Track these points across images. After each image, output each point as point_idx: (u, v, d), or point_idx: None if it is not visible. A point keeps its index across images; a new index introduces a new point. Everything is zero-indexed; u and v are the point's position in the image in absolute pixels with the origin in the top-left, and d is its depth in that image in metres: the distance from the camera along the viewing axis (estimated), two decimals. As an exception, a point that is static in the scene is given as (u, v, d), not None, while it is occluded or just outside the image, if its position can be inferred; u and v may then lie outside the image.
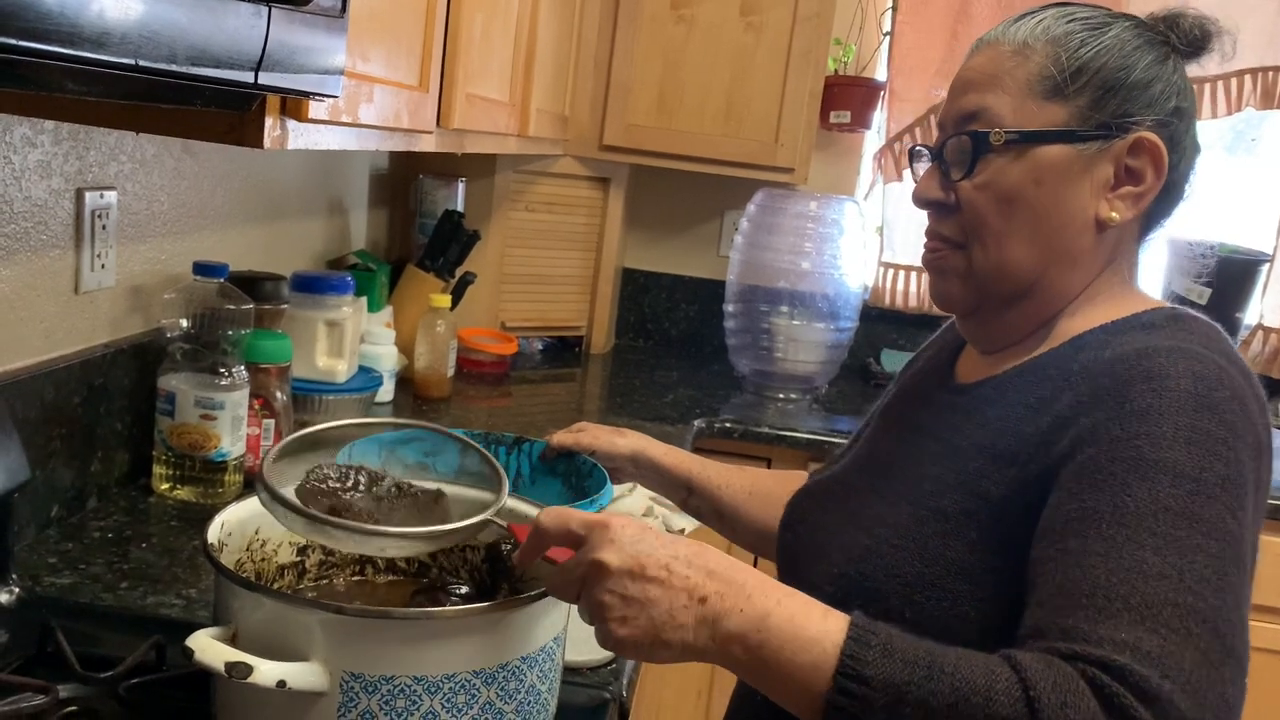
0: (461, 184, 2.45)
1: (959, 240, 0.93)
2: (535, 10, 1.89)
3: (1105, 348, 0.85)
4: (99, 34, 0.58)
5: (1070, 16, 0.91)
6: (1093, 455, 0.77)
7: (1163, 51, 0.91)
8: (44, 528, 1.28)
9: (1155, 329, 0.86)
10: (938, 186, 0.94)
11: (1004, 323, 0.95)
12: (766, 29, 2.45)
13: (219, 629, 0.77)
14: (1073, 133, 0.88)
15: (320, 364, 1.74)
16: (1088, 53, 0.89)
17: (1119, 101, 0.89)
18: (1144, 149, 0.89)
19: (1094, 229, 0.90)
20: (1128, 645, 0.66)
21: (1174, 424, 0.76)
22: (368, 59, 1.15)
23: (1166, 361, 0.79)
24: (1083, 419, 0.80)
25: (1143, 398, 0.78)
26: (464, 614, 0.79)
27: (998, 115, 0.90)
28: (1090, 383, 0.82)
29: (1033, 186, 0.89)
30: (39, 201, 1.26)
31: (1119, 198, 0.89)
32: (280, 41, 0.79)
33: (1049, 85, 0.89)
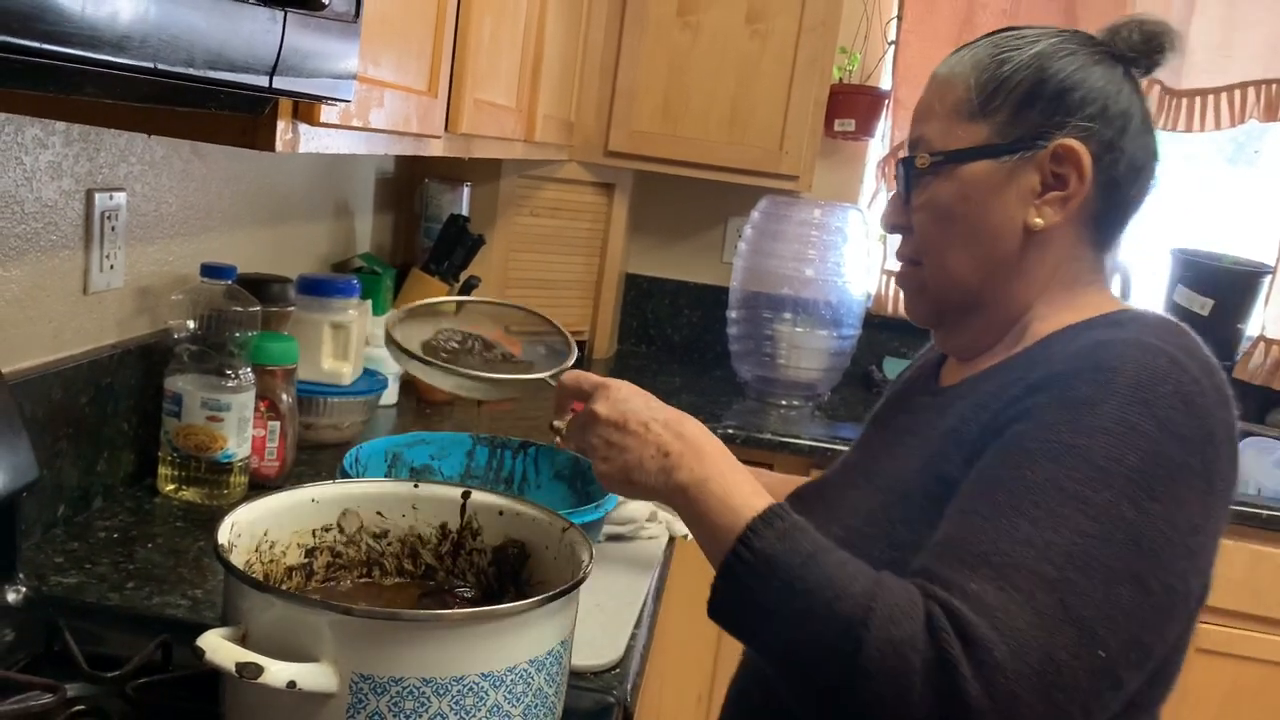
0: (467, 188, 2.46)
1: (915, 258, 1.00)
2: (542, 16, 1.90)
3: (1072, 342, 0.90)
4: (119, 37, 0.59)
5: (998, 40, 0.97)
6: (1019, 431, 0.83)
7: (1093, 57, 0.94)
8: (50, 527, 1.29)
9: (1118, 326, 0.90)
10: (896, 210, 1.02)
11: (969, 331, 1.01)
12: (772, 37, 2.46)
13: (229, 629, 0.78)
14: (993, 148, 0.94)
15: (326, 366, 1.75)
16: (1004, 71, 0.94)
17: (1036, 113, 0.93)
18: (1065, 155, 0.93)
19: (1025, 235, 0.95)
20: (973, 594, 0.75)
21: (1101, 414, 0.80)
22: (379, 64, 1.15)
23: (1120, 354, 0.83)
24: (1028, 400, 0.84)
25: (1085, 387, 0.82)
26: (474, 617, 0.79)
27: (929, 142, 0.97)
28: (1047, 368, 0.86)
29: (962, 202, 0.95)
30: (49, 202, 1.26)
31: (1046, 204, 0.94)
32: (295, 46, 0.80)
33: (970, 107, 0.95)
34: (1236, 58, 2.64)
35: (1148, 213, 1.01)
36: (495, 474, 1.34)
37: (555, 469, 1.35)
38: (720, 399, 2.52)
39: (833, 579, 0.77)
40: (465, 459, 1.33)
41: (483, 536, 0.99)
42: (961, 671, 0.71)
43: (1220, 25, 2.63)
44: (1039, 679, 0.72)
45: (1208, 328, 2.80)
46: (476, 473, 1.33)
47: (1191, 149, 3.00)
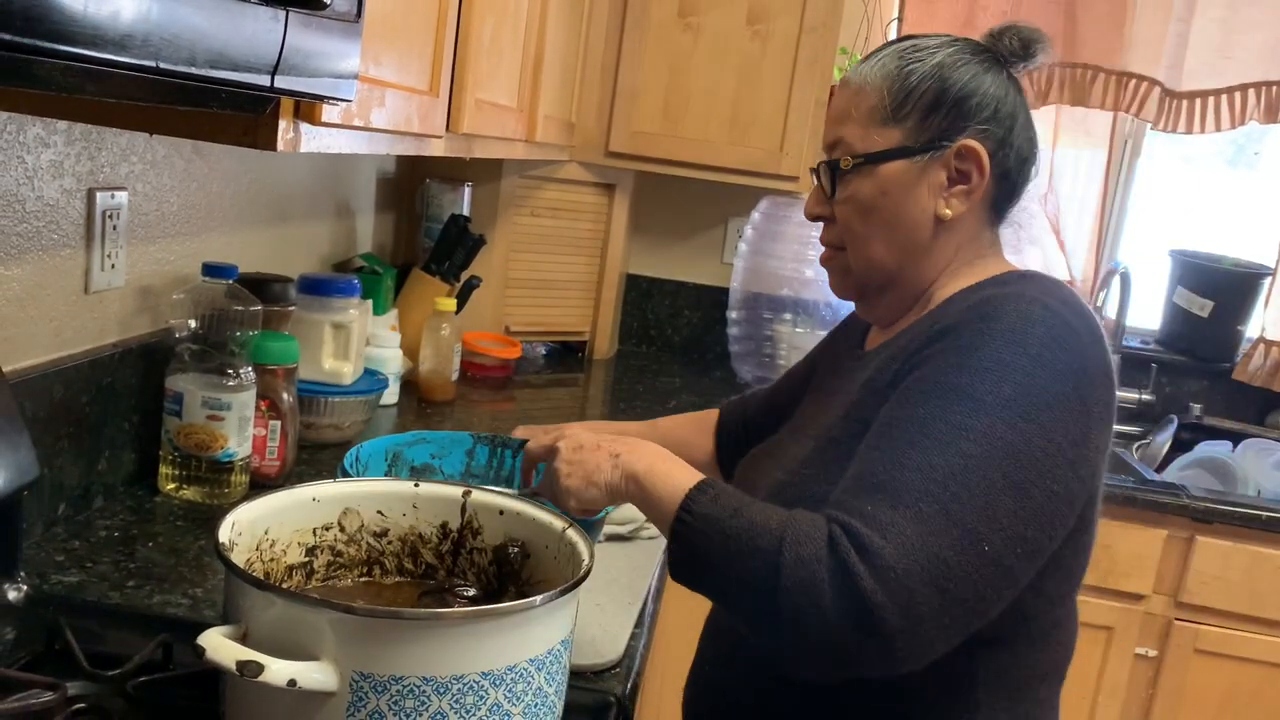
0: (468, 189, 2.46)
1: (839, 245, 1.12)
2: (544, 17, 1.90)
3: (964, 301, 1.02)
4: (121, 36, 0.59)
5: (901, 51, 1.08)
6: (916, 378, 0.96)
7: (983, 65, 1.07)
8: (51, 526, 1.29)
9: (1006, 284, 1.02)
10: (819, 201, 1.13)
11: (885, 304, 1.13)
12: (773, 38, 2.46)
13: (229, 628, 0.78)
14: (906, 149, 1.06)
15: (327, 366, 1.75)
16: (911, 81, 1.06)
17: (941, 117, 1.05)
18: (967, 154, 1.05)
19: (935, 223, 1.07)
20: (867, 515, 0.88)
21: (981, 356, 0.93)
22: (380, 63, 1.15)
23: (1001, 306, 0.96)
24: (925, 351, 0.98)
25: (969, 335, 0.95)
26: (474, 615, 0.79)
27: (849, 144, 1.08)
28: (941, 324, 0.99)
29: (881, 197, 1.06)
30: (51, 201, 1.26)
31: (953, 196, 1.06)
32: (296, 46, 0.80)
33: (883, 114, 1.06)
34: (1236, 59, 2.64)
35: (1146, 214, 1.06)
36: (496, 473, 1.34)
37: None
38: (720, 399, 2.52)
39: (754, 522, 0.91)
40: (466, 458, 1.33)
41: (483, 536, 1.00)
42: (859, 573, 0.84)
43: (1220, 27, 2.64)
44: (927, 574, 0.85)
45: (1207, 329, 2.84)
46: (477, 472, 1.33)
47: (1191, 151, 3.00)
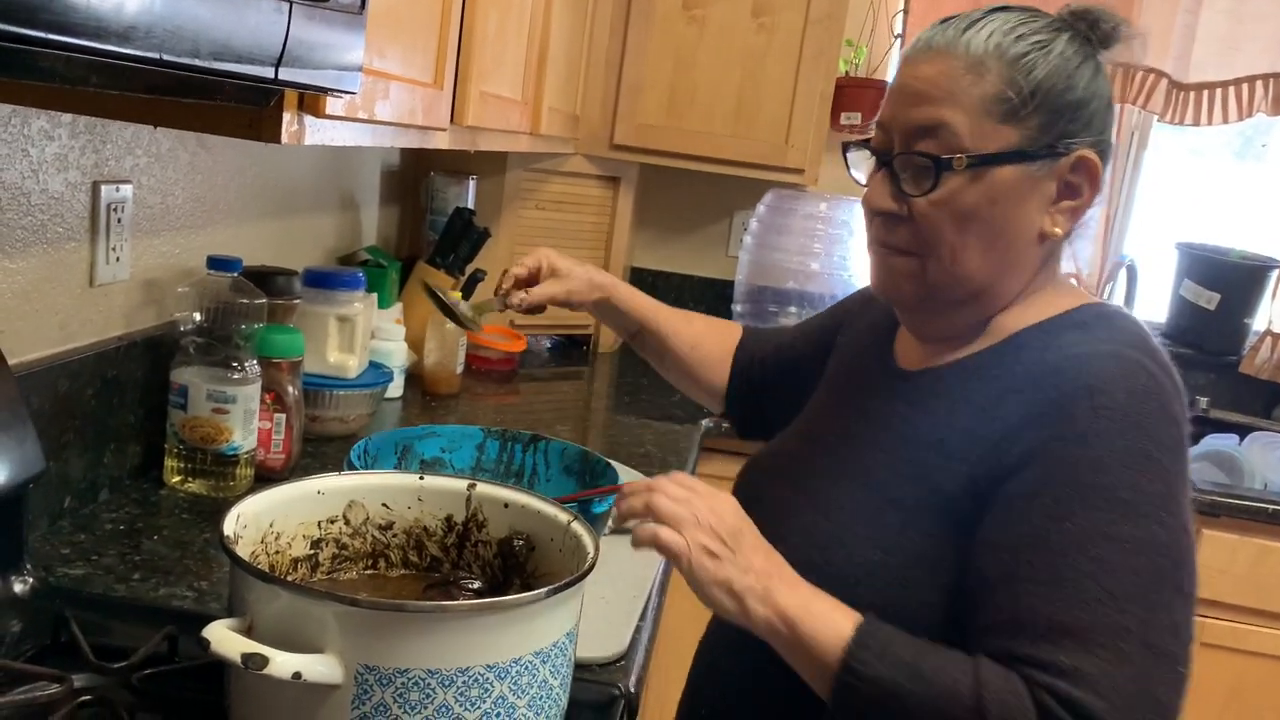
0: (472, 181, 2.46)
1: (911, 249, 0.97)
2: (548, 9, 1.90)
3: (1045, 348, 0.93)
4: (125, 28, 0.59)
5: (1018, 32, 0.94)
6: (1039, 476, 0.86)
7: (1094, 62, 0.96)
8: (56, 519, 1.29)
9: (1087, 328, 0.94)
10: (889, 196, 0.97)
11: (947, 320, 1.01)
12: (778, 30, 2.45)
13: (235, 620, 0.78)
14: (1025, 154, 0.93)
15: (331, 359, 1.75)
16: (1039, 75, 0.93)
17: (1064, 122, 0.94)
18: (1083, 166, 0.95)
19: (1038, 240, 0.97)
20: (1068, 671, 0.80)
21: (1110, 447, 0.85)
22: (384, 56, 1.15)
23: (1100, 372, 0.88)
24: (1029, 434, 0.88)
25: (1084, 419, 0.86)
26: (478, 608, 0.79)
27: (955, 134, 0.93)
28: (1036, 394, 0.90)
29: (988, 205, 0.94)
30: (55, 194, 1.26)
31: (1060, 212, 0.96)
32: (300, 37, 0.80)
33: (1005, 108, 0.93)
34: (1244, 51, 2.63)
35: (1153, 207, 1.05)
36: (506, 467, 1.34)
37: (565, 463, 1.35)
38: (725, 393, 2.51)
39: (938, 685, 0.82)
40: (476, 452, 1.34)
41: (488, 529, 1.00)
42: None
43: (1227, 18, 2.62)
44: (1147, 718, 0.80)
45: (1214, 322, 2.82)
46: (487, 466, 1.33)
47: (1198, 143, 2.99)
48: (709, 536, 0.88)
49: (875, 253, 1.02)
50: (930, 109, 0.94)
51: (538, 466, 1.35)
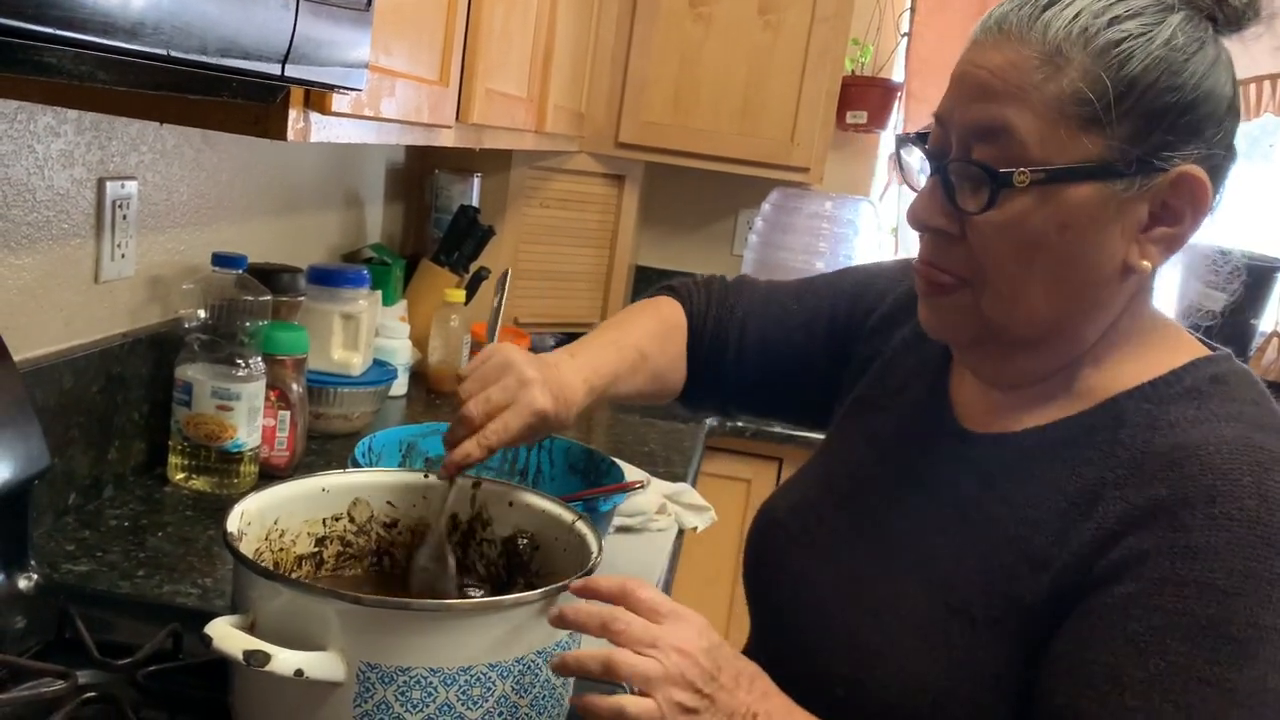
0: (477, 179, 2.46)
1: (964, 275, 0.80)
2: (554, 6, 1.89)
3: (1152, 427, 0.76)
4: (133, 24, 0.59)
5: (1113, 12, 0.74)
6: (1134, 593, 0.71)
7: (1213, 50, 0.76)
8: (61, 515, 1.29)
9: (1202, 398, 0.77)
10: (940, 211, 0.80)
11: (1012, 364, 0.84)
12: (784, 28, 2.45)
13: (237, 617, 0.78)
14: (1108, 170, 0.74)
15: (336, 356, 1.75)
16: (1133, 70, 0.74)
17: (1164, 130, 0.74)
18: (1186, 185, 0.75)
19: (1121, 275, 0.78)
20: None
21: (1228, 568, 0.69)
22: (390, 53, 1.15)
23: (1228, 470, 0.71)
24: (1131, 539, 0.72)
25: (1201, 530, 0.70)
26: (481, 607, 0.79)
27: (1020, 142, 0.75)
28: (1143, 489, 0.73)
29: (1057, 232, 0.76)
30: (61, 191, 1.26)
31: (1152, 241, 0.77)
32: (307, 34, 0.79)
33: (1086, 112, 0.74)
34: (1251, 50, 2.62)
35: None
36: (510, 466, 1.34)
37: (570, 461, 1.35)
38: (729, 391, 2.51)
39: None
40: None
41: (493, 527, 0.99)
42: None
43: (1235, 18, 2.62)
44: None
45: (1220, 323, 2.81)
46: (492, 464, 1.33)
47: (1205, 143, 2.98)
48: (683, 690, 0.73)
49: (923, 282, 0.84)
50: (992, 107, 0.76)
51: (542, 465, 1.35)
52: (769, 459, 2.29)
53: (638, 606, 0.76)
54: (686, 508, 1.62)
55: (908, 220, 0.83)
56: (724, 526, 1.72)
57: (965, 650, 0.77)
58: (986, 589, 0.78)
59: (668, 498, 1.61)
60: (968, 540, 0.81)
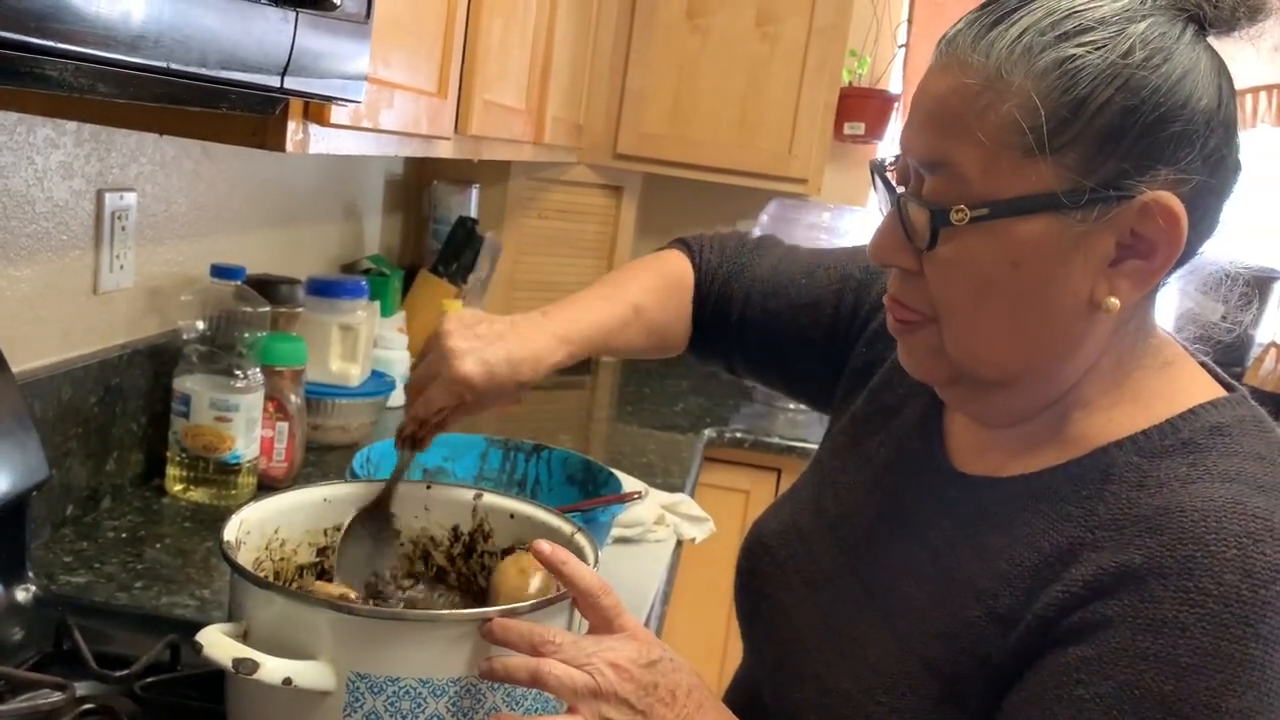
0: (475, 190, 2.46)
1: (928, 313, 0.75)
2: (552, 18, 1.90)
3: (1140, 484, 0.70)
4: (134, 37, 0.59)
5: (1064, 26, 0.68)
6: (1088, 658, 0.66)
7: (1193, 54, 0.68)
8: (59, 526, 1.29)
9: (1199, 452, 0.70)
10: (898, 246, 0.75)
11: (990, 404, 0.78)
12: (782, 39, 2.46)
13: (230, 625, 0.77)
14: (1059, 200, 0.68)
15: (334, 368, 1.75)
16: (1080, 91, 0.67)
17: (1121, 156, 0.67)
18: (1155, 213, 0.68)
19: (1089, 311, 0.71)
20: None
21: (1195, 648, 0.62)
22: (389, 65, 1.15)
23: (1210, 540, 0.64)
24: (1096, 603, 0.66)
25: (1171, 604, 0.63)
26: (471, 618, 0.79)
27: (964, 176, 0.70)
28: (1117, 553, 0.67)
29: (1009, 268, 0.70)
30: (60, 202, 1.26)
31: (1123, 275, 0.70)
32: (306, 46, 0.80)
33: (1027, 141, 0.67)
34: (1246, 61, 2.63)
35: None
36: (509, 476, 1.34)
37: (568, 472, 1.35)
38: (728, 402, 2.52)
39: None
40: (479, 461, 1.33)
41: (494, 539, 0.99)
42: None
43: (1231, 30, 2.63)
44: None
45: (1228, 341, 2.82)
46: (490, 475, 1.33)
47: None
48: (614, 706, 0.71)
49: (890, 318, 0.80)
50: (935, 139, 0.71)
51: (540, 476, 1.35)
52: (767, 469, 2.28)
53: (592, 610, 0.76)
54: (685, 519, 1.62)
55: (869, 254, 0.78)
56: (722, 537, 1.72)
57: (931, 704, 0.74)
58: (953, 645, 0.74)
59: (666, 508, 1.61)
60: (940, 591, 0.76)
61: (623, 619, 0.76)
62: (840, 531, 0.89)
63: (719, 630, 2.20)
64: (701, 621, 2.10)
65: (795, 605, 0.89)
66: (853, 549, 0.87)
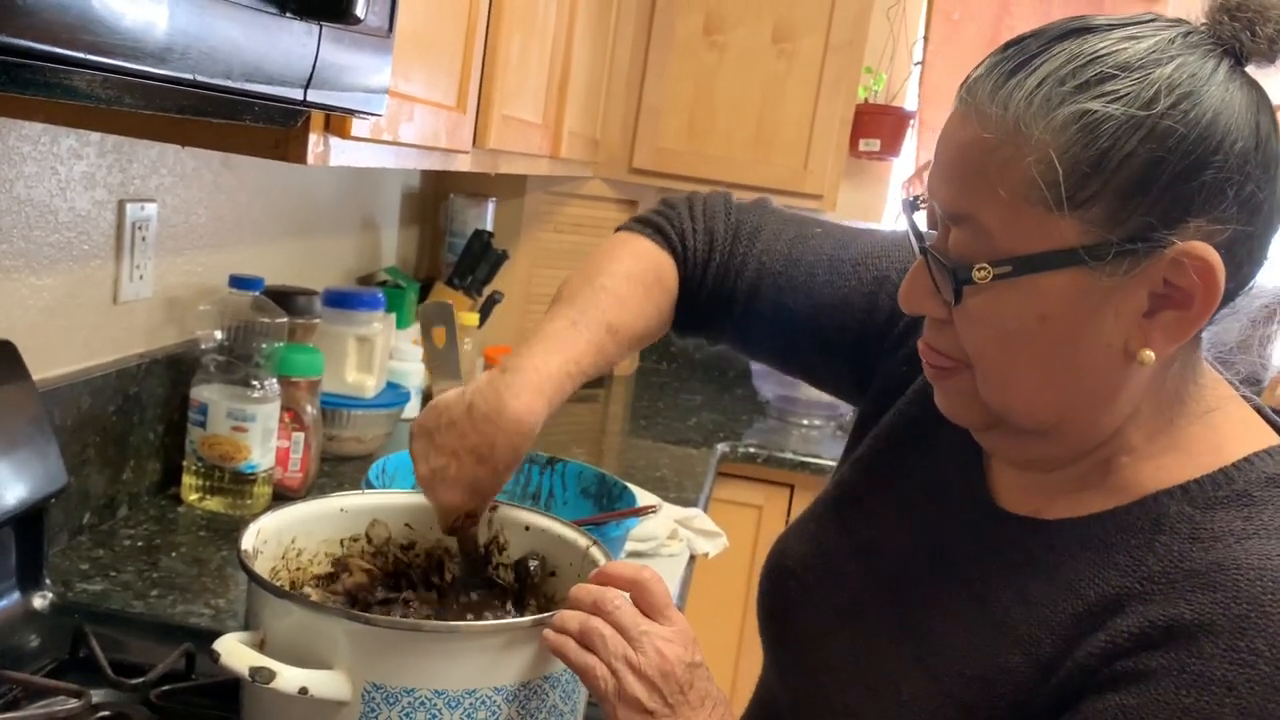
0: (491, 204, 2.47)
1: (961, 359, 0.74)
2: (570, 33, 1.91)
3: (1193, 538, 0.68)
4: (161, 49, 0.60)
5: (1084, 75, 0.65)
6: (1129, 706, 0.64)
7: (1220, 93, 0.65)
8: (76, 534, 1.30)
9: (1255, 505, 0.68)
10: (926, 294, 0.73)
11: (1029, 451, 0.76)
12: (798, 56, 2.47)
13: (247, 634, 0.78)
14: (1084, 254, 0.65)
15: (350, 379, 1.76)
16: (1102, 144, 0.64)
17: (1147, 210, 0.64)
18: (1189, 264, 0.65)
19: (1124, 362, 0.69)
20: None
21: (1240, 706, 0.61)
22: (410, 79, 1.16)
23: (1265, 604, 0.62)
24: (1142, 656, 0.65)
25: (1220, 662, 0.62)
26: (486, 630, 0.79)
27: (986, 231, 0.68)
28: (1166, 606, 0.65)
29: (1037, 322, 0.68)
30: (82, 212, 1.28)
31: (1158, 326, 0.67)
32: (329, 60, 0.80)
33: (1049, 196, 0.65)
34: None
35: None
36: (523, 489, 1.34)
37: (582, 485, 1.35)
38: (741, 417, 2.52)
39: None
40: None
41: (509, 551, 0.99)
42: None
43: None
44: None
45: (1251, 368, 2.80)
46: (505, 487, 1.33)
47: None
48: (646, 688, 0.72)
49: (924, 364, 0.78)
50: (958, 192, 0.69)
51: (555, 488, 1.35)
52: (780, 485, 2.28)
53: (646, 594, 0.76)
54: (698, 533, 1.62)
55: (899, 301, 0.76)
56: (735, 553, 1.72)
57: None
58: (990, 690, 0.72)
59: (679, 523, 1.61)
60: (981, 635, 0.74)
61: (674, 610, 0.77)
62: (872, 559, 0.86)
63: (730, 645, 2.20)
64: (714, 636, 2.10)
65: (824, 634, 0.86)
66: (886, 579, 0.84)
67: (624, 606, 0.75)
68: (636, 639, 0.73)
